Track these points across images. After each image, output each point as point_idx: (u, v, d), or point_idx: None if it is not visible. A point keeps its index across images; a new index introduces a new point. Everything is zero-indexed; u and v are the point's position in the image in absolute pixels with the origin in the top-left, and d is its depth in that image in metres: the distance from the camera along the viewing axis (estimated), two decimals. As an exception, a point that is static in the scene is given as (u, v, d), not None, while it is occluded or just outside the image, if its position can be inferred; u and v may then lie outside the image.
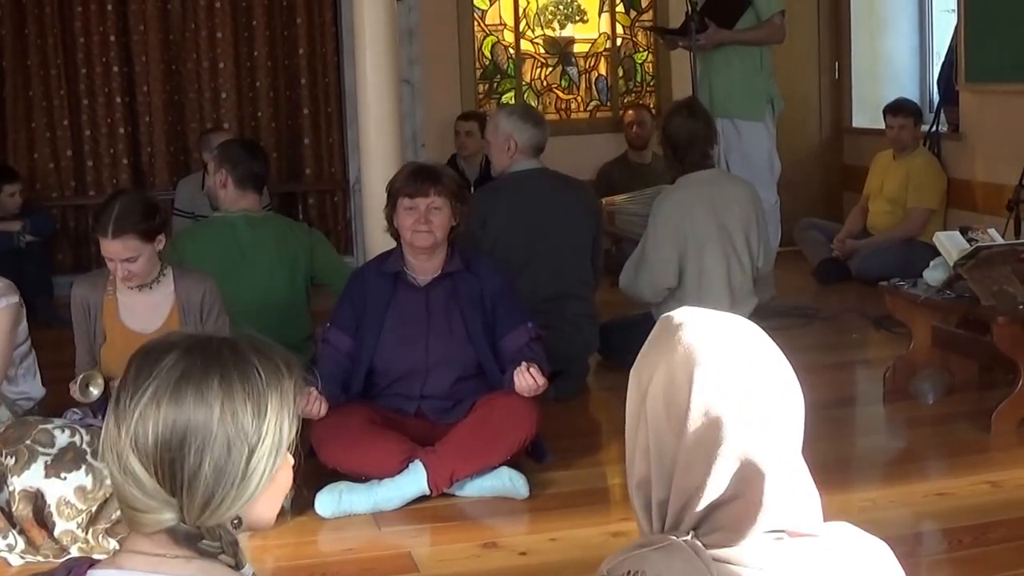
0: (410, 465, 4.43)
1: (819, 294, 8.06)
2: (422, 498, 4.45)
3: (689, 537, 1.63)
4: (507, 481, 4.51)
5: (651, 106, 9.69)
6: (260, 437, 1.70)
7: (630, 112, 9.37)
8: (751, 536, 1.65)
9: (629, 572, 1.63)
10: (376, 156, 5.81)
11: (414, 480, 4.42)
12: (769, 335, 6.04)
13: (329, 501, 4.39)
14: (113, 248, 4.49)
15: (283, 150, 9.13)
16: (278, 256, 5.60)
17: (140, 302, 4.67)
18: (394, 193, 4.75)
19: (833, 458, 4.98)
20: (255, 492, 1.69)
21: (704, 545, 1.62)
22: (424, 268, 4.77)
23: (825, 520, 1.82)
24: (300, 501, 4.41)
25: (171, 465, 1.68)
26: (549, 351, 4.90)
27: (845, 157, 10.06)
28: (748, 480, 1.64)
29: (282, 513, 4.29)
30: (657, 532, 1.66)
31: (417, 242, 4.67)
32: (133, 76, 8.81)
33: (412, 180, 4.72)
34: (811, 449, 5.09)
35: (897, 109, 8.48)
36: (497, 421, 4.50)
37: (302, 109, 9.10)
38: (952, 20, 8.84)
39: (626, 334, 5.95)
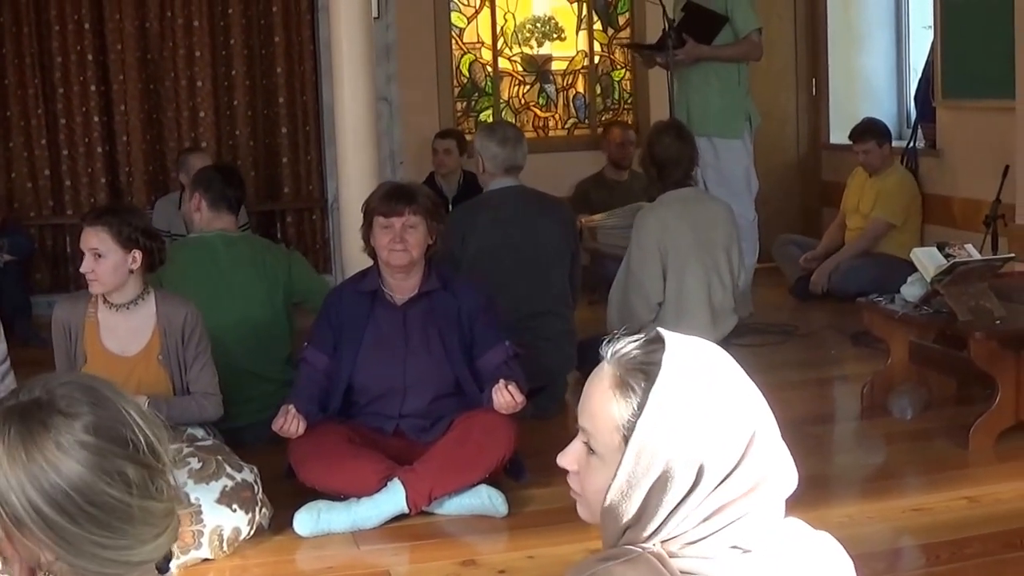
0: (388, 483, 4.43)
1: (797, 311, 8.07)
2: (401, 516, 4.45)
3: (655, 548, 1.63)
4: (486, 499, 4.51)
5: (630, 123, 9.71)
6: None
7: (616, 131, 9.36)
8: (718, 549, 1.65)
9: None
10: (353, 174, 5.81)
11: (393, 498, 4.41)
12: (748, 352, 6.10)
13: (308, 520, 4.38)
14: (87, 236, 4.50)
15: (261, 169, 9.12)
16: (255, 275, 5.59)
17: (121, 325, 4.65)
18: (370, 212, 4.75)
19: (811, 474, 4.97)
20: None
21: (670, 555, 1.63)
22: (401, 287, 4.77)
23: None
24: (279, 520, 4.41)
25: None
26: (528, 369, 4.90)
27: (823, 173, 10.09)
28: (711, 495, 1.64)
29: (260, 532, 4.31)
30: (624, 544, 1.66)
31: (393, 261, 4.67)
32: (111, 95, 8.80)
33: (387, 199, 4.72)
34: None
35: (859, 135, 8.45)
36: (475, 439, 4.50)
37: (280, 128, 9.09)
38: (929, 37, 8.89)
39: (605, 352, 5.94)
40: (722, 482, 1.63)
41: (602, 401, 1.69)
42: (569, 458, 1.77)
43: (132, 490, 1.58)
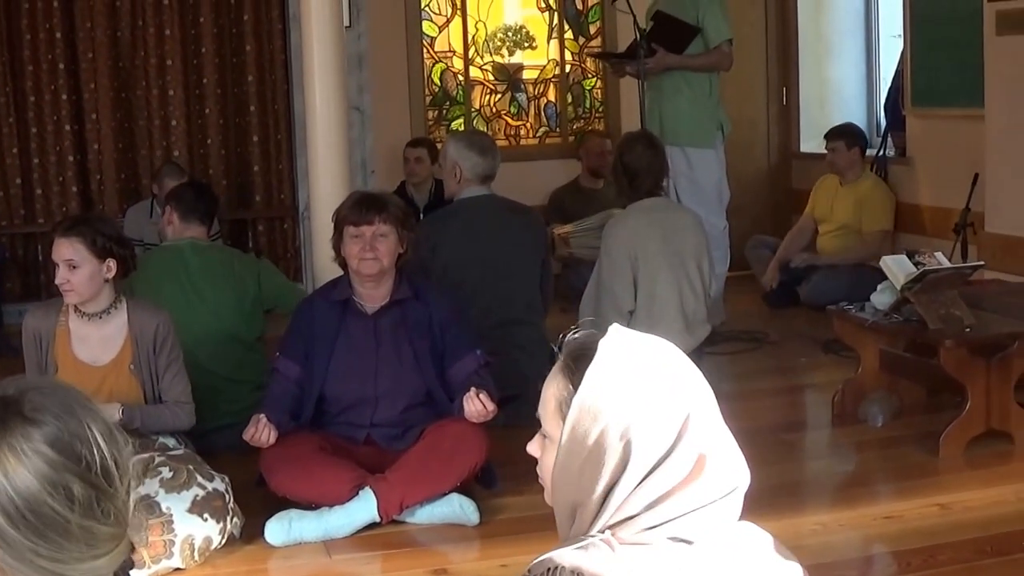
0: (360, 492, 4.42)
1: (769, 318, 8.10)
2: (372, 525, 4.45)
3: (606, 534, 1.66)
4: (457, 507, 4.51)
5: (603, 132, 9.73)
6: None
7: (595, 140, 9.37)
8: (659, 537, 1.68)
9: (549, 569, 1.68)
10: (325, 183, 5.81)
11: (364, 507, 4.41)
12: (720, 360, 6.12)
13: (279, 529, 4.37)
14: (60, 247, 4.49)
15: (232, 177, 9.10)
16: (225, 283, 5.59)
17: (92, 334, 4.63)
18: (340, 221, 4.75)
19: (783, 482, 5.01)
20: None
21: (622, 541, 1.67)
22: (372, 296, 4.77)
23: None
24: (250, 529, 4.40)
25: None
26: (499, 377, 4.91)
27: (793, 181, 10.13)
28: (650, 479, 1.67)
29: (232, 541, 4.30)
30: (574, 532, 1.70)
31: (364, 270, 4.67)
32: (82, 104, 8.77)
33: (358, 208, 4.72)
34: (761, 473, 5.11)
35: (830, 134, 8.57)
36: (447, 448, 4.50)
37: (251, 136, 9.08)
38: (898, 46, 8.94)
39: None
40: (658, 464, 1.67)
41: (548, 385, 1.80)
42: (533, 445, 1.87)
43: (74, 507, 1.57)
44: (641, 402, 1.67)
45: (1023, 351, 5.26)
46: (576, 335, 1.82)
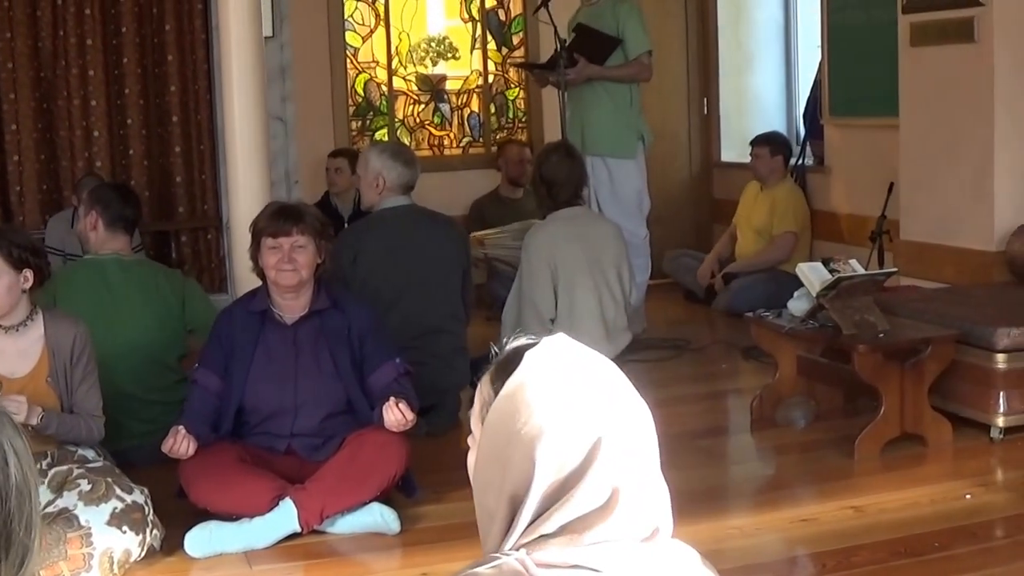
0: (280, 503, 4.42)
1: (689, 326, 8.16)
2: (293, 536, 4.45)
3: (519, 553, 1.65)
4: (378, 517, 4.51)
5: (525, 142, 9.77)
6: None
7: (513, 149, 9.42)
8: (568, 562, 1.67)
9: None
10: (245, 194, 5.77)
11: (285, 518, 4.41)
12: (642, 367, 6.16)
13: (199, 540, 4.36)
14: None
15: (155, 188, 9.03)
16: (149, 299, 5.53)
17: (8, 346, 4.58)
18: (257, 233, 4.75)
19: (702, 487, 5.07)
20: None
21: (537, 563, 1.65)
22: (291, 306, 4.77)
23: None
24: (170, 541, 4.39)
25: None
26: (421, 386, 4.93)
27: (715, 191, 10.23)
28: (566, 504, 1.66)
29: (152, 553, 4.28)
30: (491, 552, 1.69)
31: (282, 281, 4.67)
32: (2, 114, 8.67)
33: (275, 219, 4.72)
34: (682, 477, 5.21)
35: (756, 140, 8.69)
36: (367, 457, 4.51)
37: (174, 147, 9.02)
38: (817, 56, 9.05)
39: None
40: (568, 486, 1.63)
41: (478, 391, 1.77)
42: (469, 440, 1.84)
43: None
44: (551, 416, 1.65)
45: (936, 356, 5.36)
46: (519, 340, 1.79)
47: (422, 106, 9.77)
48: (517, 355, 1.73)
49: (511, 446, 1.66)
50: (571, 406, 1.65)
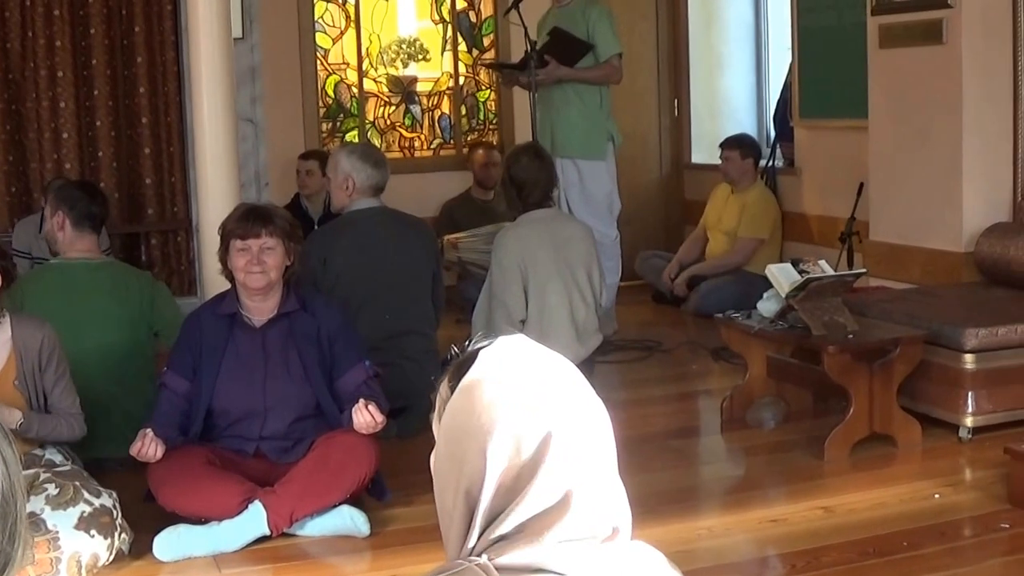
0: (249, 506, 4.40)
1: (659, 327, 8.17)
2: (263, 539, 4.43)
3: (481, 559, 1.65)
4: (348, 519, 4.50)
5: (495, 144, 9.77)
6: None
7: (480, 152, 9.42)
8: (543, 551, 1.67)
9: None
10: (214, 196, 5.74)
11: (254, 521, 4.39)
12: (612, 368, 6.15)
13: (168, 544, 4.34)
14: None
15: (124, 190, 9.00)
16: (116, 303, 5.49)
17: (-26, 351, 4.57)
18: (226, 235, 4.73)
19: (674, 487, 5.08)
20: None
21: (499, 567, 1.65)
22: (260, 309, 4.76)
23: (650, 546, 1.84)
24: (139, 545, 4.37)
25: None
26: (391, 388, 4.92)
27: (685, 192, 10.25)
28: (522, 503, 1.65)
29: (120, 557, 4.26)
30: (453, 556, 1.69)
31: (251, 283, 4.66)
32: (-31, 116, 8.65)
33: (243, 221, 4.71)
34: (653, 478, 5.21)
35: (725, 143, 8.72)
36: (336, 460, 4.49)
37: (143, 149, 8.99)
38: (787, 58, 9.08)
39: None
40: (522, 484, 1.63)
41: (437, 392, 1.78)
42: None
43: None
44: (502, 411, 1.65)
45: (905, 356, 5.38)
46: (479, 340, 1.79)
47: (393, 108, 9.76)
48: (474, 355, 1.74)
49: (465, 442, 1.66)
50: (523, 401, 1.66)
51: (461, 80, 9.90)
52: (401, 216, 6.14)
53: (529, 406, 1.66)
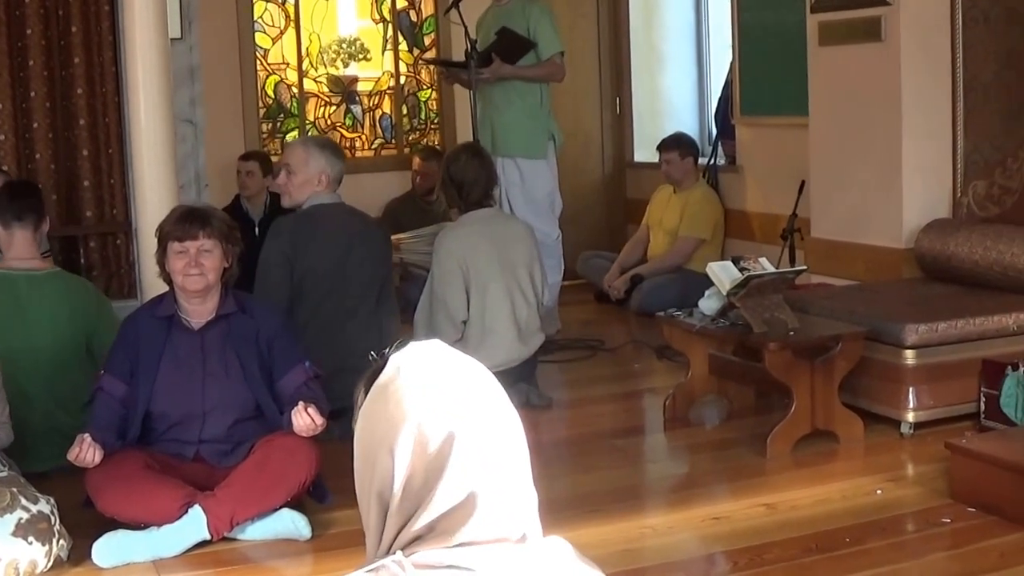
0: (189, 510, 4.36)
1: (602, 326, 8.18)
2: (203, 543, 4.39)
3: (398, 555, 1.67)
4: (289, 523, 4.47)
5: (436, 144, 9.74)
6: None
7: (416, 160, 9.36)
8: (440, 563, 1.68)
9: None
10: (152, 198, 5.67)
11: (194, 525, 4.35)
12: (556, 368, 6.16)
13: (107, 550, 4.29)
14: None
15: (62, 192, 8.89)
16: (58, 314, 5.39)
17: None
18: (164, 237, 4.68)
19: (618, 486, 5.08)
20: None
21: (415, 564, 1.66)
22: (198, 311, 4.71)
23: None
24: (78, 551, 4.32)
25: None
26: (336, 389, 4.88)
27: (627, 191, 10.27)
28: (430, 504, 1.67)
29: (60, 564, 4.21)
30: (371, 555, 1.71)
31: (189, 286, 4.61)
32: (-97, 119, 8.53)
33: (181, 223, 4.66)
34: (597, 477, 5.21)
35: (665, 145, 8.72)
36: (276, 463, 4.46)
37: (81, 151, 8.88)
38: (728, 56, 9.11)
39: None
40: (430, 484, 1.64)
41: (355, 400, 1.80)
42: None
43: None
44: (408, 411, 1.67)
45: (846, 353, 5.41)
46: (396, 347, 1.80)
47: (333, 108, 9.72)
48: (386, 361, 1.76)
49: (375, 445, 1.68)
50: (427, 403, 1.68)
51: (402, 79, 9.89)
52: (361, 214, 6.19)
53: (432, 407, 1.68)
